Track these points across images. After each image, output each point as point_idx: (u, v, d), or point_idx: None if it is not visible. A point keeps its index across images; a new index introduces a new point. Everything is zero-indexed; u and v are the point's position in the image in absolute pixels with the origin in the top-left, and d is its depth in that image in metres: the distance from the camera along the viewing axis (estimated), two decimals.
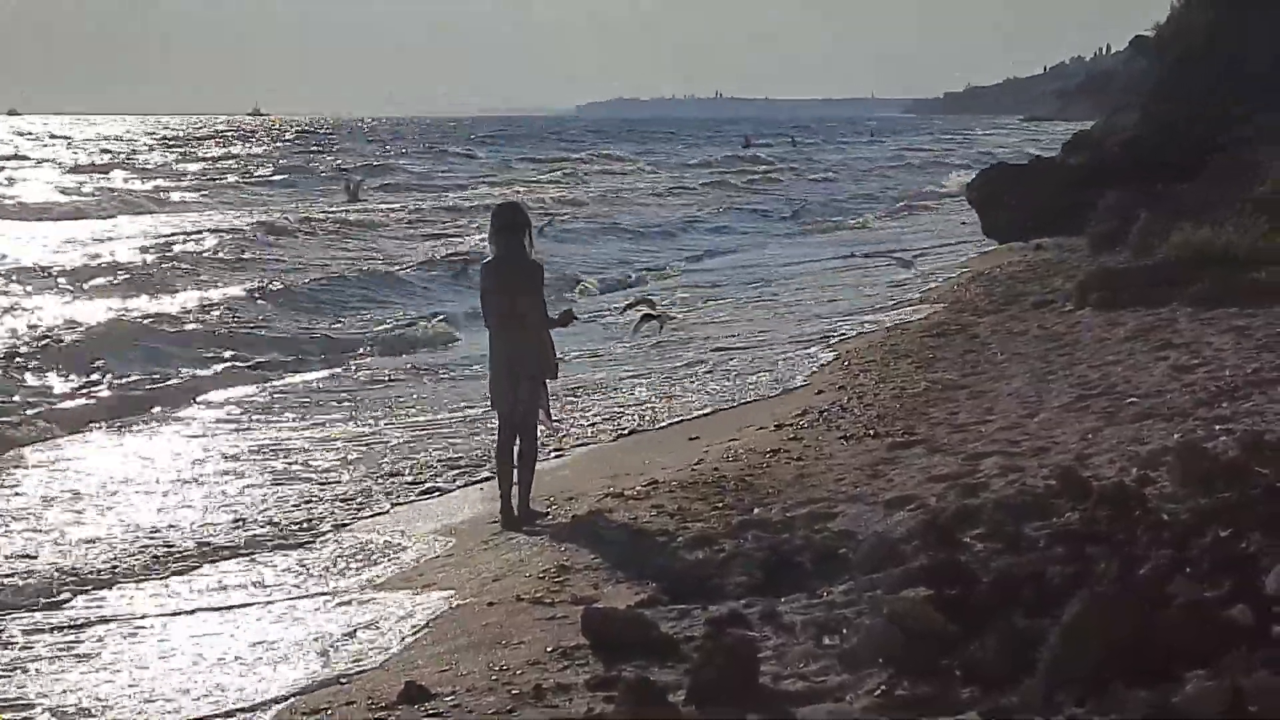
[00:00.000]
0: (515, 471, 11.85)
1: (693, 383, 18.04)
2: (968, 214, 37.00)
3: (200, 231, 41.32)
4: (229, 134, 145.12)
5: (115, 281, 30.41)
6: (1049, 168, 34.32)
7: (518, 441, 11.89)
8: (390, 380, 20.00)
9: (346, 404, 18.09)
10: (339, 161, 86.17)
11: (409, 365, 21.41)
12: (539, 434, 12.16)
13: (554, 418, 12.80)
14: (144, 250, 36.19)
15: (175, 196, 58.22)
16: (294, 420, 17.01)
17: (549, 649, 7.86)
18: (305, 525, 12.15)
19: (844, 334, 20.83)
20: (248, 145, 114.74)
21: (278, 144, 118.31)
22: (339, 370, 21.32)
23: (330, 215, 47.77)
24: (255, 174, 74.47)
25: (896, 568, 8.08)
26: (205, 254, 35.89)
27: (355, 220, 46.48)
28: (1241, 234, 19.48)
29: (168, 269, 32.89)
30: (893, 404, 14.45)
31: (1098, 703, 5.67)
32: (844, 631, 7.15)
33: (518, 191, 58.22)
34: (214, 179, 69.36)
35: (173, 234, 40.85)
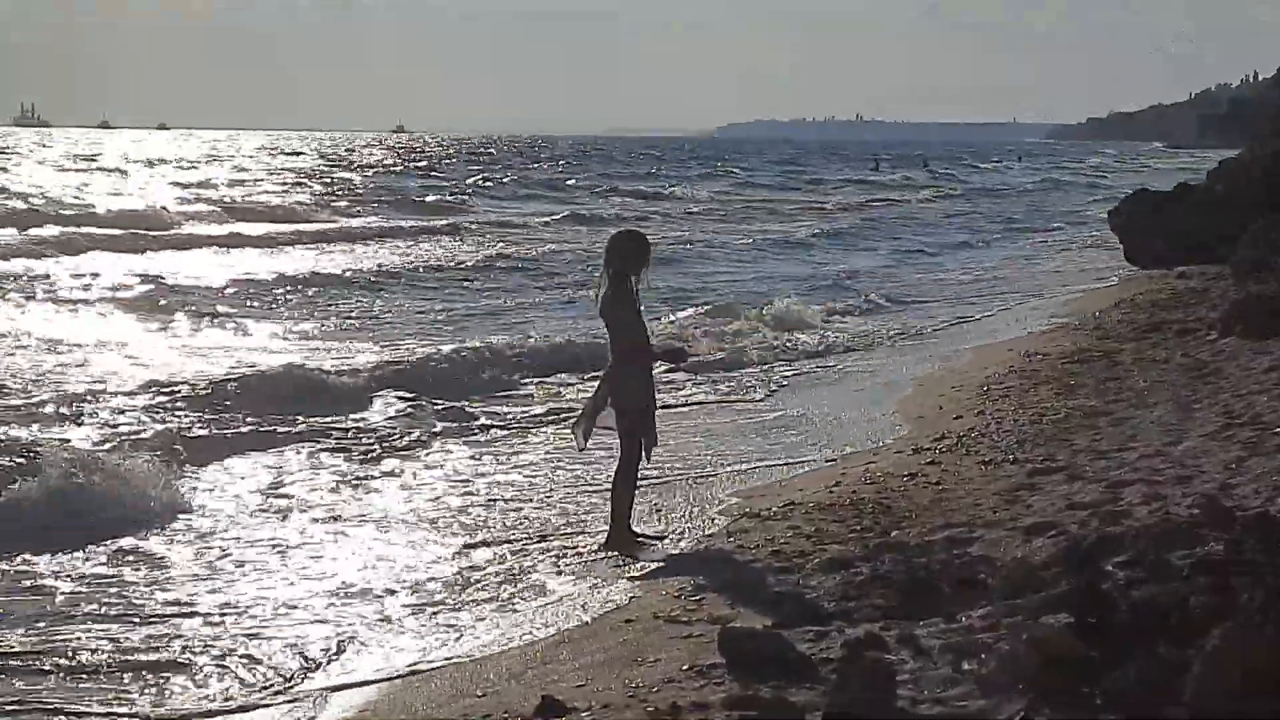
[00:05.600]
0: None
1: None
2: (1110, 240, 36.67)
3: None
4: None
5: None
6: (1194, 194, 33.89)
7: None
8: None
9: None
10: None
11: None
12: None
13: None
14: None
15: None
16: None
17: (685, 667, 7.87)
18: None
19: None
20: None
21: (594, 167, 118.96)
22: None
23: None
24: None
25: (1036, 594, 8.02)
26: None
27: None
28: None
29: None
30: (1032, 430, 14.33)
31: None
32: (983, 656, 7.10)
33: None
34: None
35: None
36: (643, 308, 11.83)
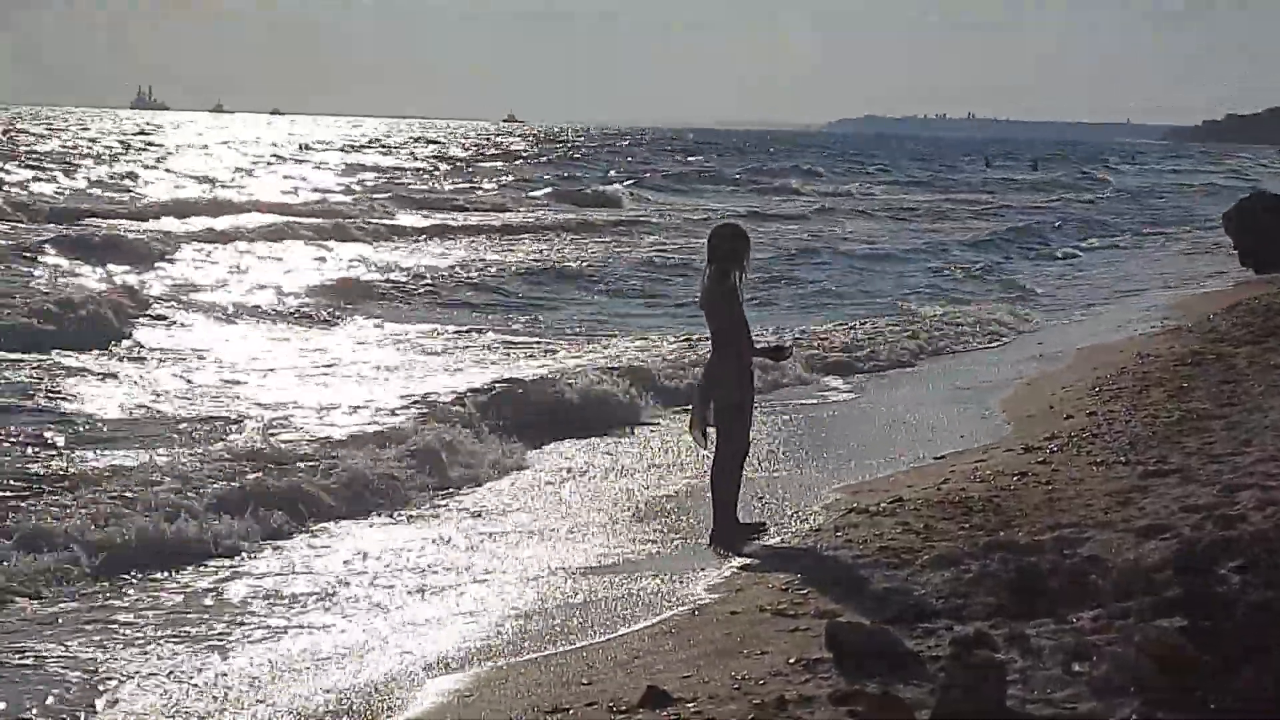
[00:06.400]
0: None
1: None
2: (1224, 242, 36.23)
3: None
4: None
5: None
6: None
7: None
8: None
9: None
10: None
11: None
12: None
13: None
14: None
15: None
16: None
17: (791, 660, 7.86)
18: None
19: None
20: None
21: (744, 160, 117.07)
22: None
23: None
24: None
25: (1149, 596, 7.94)
26: None
27: None
28: None
29: None
30: (1145, 432, 14.14)
31: None
32: (1094, 658, 7.03)
33: None
34: None
35: None
36: (744, 301, 11.85)
